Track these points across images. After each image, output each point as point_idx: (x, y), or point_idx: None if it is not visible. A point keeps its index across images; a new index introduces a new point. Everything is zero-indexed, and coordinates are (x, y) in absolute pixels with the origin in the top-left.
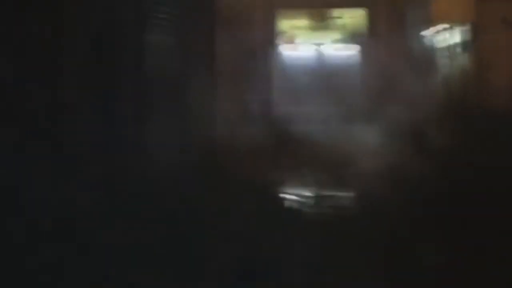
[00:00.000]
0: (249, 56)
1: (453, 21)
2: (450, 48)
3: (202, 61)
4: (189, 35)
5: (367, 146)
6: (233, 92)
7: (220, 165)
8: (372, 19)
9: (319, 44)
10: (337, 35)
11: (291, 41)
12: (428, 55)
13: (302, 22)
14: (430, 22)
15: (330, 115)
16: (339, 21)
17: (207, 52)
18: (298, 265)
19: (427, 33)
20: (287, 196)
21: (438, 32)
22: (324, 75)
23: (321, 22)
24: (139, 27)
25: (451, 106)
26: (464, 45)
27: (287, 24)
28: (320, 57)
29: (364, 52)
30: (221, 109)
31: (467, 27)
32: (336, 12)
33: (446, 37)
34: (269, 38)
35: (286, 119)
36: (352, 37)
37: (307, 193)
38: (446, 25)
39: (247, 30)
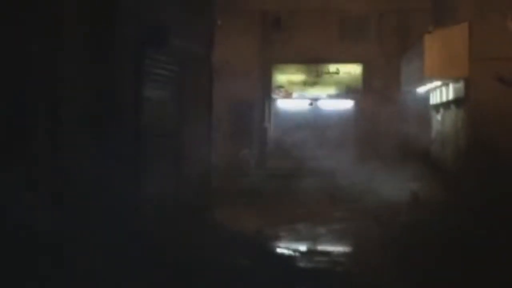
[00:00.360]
0: (246, 110)
1: (447, 78)
2: (444, 104)
3: (201, 114)
4: (188, 90)
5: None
6: (230, 144)
7: (214, 218)
8: (367, 75)
9: (315, 99)
10: (333, 90)
11: (288, 95)
12: (422, 110)
13: (299, 77)
14: (424, 78)
15: (323, 169)
16: (335, 76)
17: (205, 106)
18: None
19: (421, 89)
20: (281, 250)
21: (432, 88)
22: (319, 128)
23: (317, 77)
24: (138, 82)
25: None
26: (457, 101)
27: (284, 78)
28: (315, 111)
29: (359, 106)
30: (217, 162)
31: (460, 84)
32: (332, 67)
33: (439, 93)
34: (267, 93)
35: (281, 172)
36: (347, 91)
37: (302, 247)
38: (439, 82)
39: (245, 85)
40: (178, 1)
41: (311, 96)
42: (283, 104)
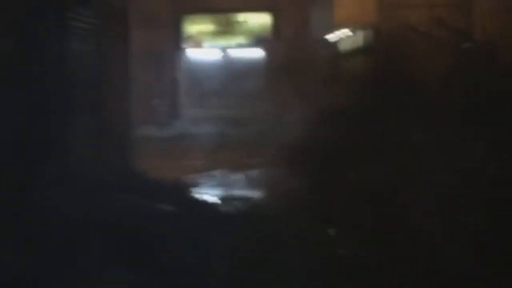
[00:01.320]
0: (157, 60)
1: (356, 25)
2: (353, 51)
3: (120, 65)
4: (107, 42)
5: (272, 146)
6: (144, 95)
7: (134, 167)
8: (277, 23)
9: (225, 48)
10: (242, 39)
11: (198, 45)
12: (332, 58)
13: (208, 26)
14: (334, 26)
15: (235, 117)
16: (244, 25)
17: (123, 57)
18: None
19: (331, 37)
20: (202, 196)
21: (341, 36)
22: (229, 78)
23: (226, 26)
24: (62, 36)
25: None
26: (366, 48)
27: (193, 28)
28: (225, 60)
29: (268, 55)
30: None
31: (369, 32)
32: (241, 16)
33: (349, 41)
34: (176, 42)
35: (194, 121)
36: (257, 40)
37: (219, 192)
38: (348, 30)
39: (155, 34)
40: None
41: (221, 46)
42: (193, 54)
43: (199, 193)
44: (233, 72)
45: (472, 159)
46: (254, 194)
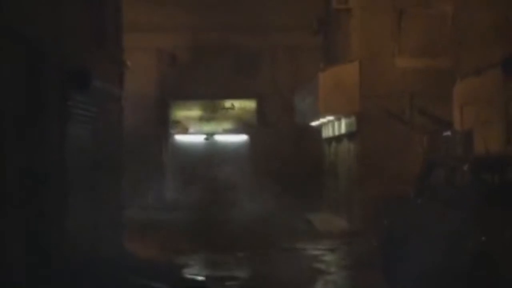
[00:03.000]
0: (144, 145)
1: (339, 113)
2: (336, 137)
3: (113, 150)
4: (104, 128)
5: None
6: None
7: (126, 247)
8: (262, 110)
9: (211, 134)
10: (228, 125)
11: (185, 130)
12: (315, 143)
13: (195, 112)
14: (318, 113)
15: (222, 200)
16: (230, 112)
17: (117, 142)
18: None
19: (314, 123)
20: (194, 276)
21: (324, 122)
22: (215, 162)
23: (213, 112)
24: (62, 122)
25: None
26: (349, 134)
27: (181, 114)
28: (211, 145)
29: (253, 140)
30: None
31: (352, 119)
32: (227, 103)
33: (331, 127)
34: (164, 128)
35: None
36: (242, 126)
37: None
38: (332, 117)
39: (143, 120)
40: (95, 45)
41: (207, 131)
42: (180, 139)
43: (189, 273)
44: (218, 156)
45: None
46: (244, 274)
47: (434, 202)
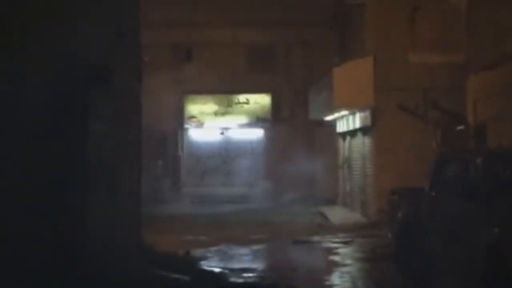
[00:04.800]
0: (160, 139)
1: (354, 108)
2: (350, 131)
3: (132, 145)
4: (123, 123)
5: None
6: (146, 173)
7: (143, 240)
8: (276, 104)
9: (226, 128)
10: (243, 119)
11: (200, 125)
12: (329, 138)
13: (210, 107)
14: (332, 108)
15: (236, 194)
16: (245, 106)
17: (135, 137)
18: None
19: (328, 118)
20: (212, 268)
21: (339, 116)
22: (230, 156)
23: (228, 107)
24: (84, 118)
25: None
26: (364, 128)
27: (196, 108)
28: (227, 140)
29: (268, 135)
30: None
31: (366, 113)
32: (242, 97)
33: (346, 121)
34: (180, 122)
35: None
36: (257, 121)
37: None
38: (346, 111)
39: (159, 115)
40: (114, 42)
41: (222, 125)
42: (195, 133)
43: (207, 265)
44: (233, 150)
45: None
46: (261, 266)
47: (448, 195)
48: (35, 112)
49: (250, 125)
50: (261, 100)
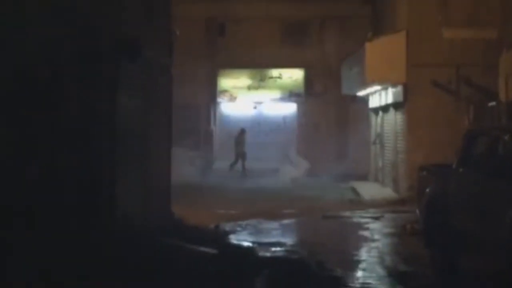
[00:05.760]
0: (193, 113)
1: (386, 83)
2: (382, 107)
3: (162, 120)
4: (154, 98)
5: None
6: (182, 146)
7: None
8: (309, 79)
9: (259, 102)
10: (276, 94)
11: (233, 99)
12: (362, 113)
13: (243, 81)
14: (364, 83)
15: (268, 168)
16: (278, 81)
17: (166, 112)
18: None
19: (361, 93)
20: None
21: (371, 92)
22: (263, 131)
23: (261, 81)
24: (114, 91)
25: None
26: (396, 104)
27: (229, 83)
28: (259, 114)
29: (301, 109)
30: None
31: (398, 88)
32: (275, 72)
33: (378, 97)
34: (212, 97)
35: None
36: (290, 95)
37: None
38: (378, 87)
39: (192, 89)
40: (145, 15)
41: (255, 100)
42: (228, 107)
43: (236, 239)
44: (266, 125)
45: None
46: (290, 241)
47: (476, 172)
48: (63, 85)
49: (283, 99)
50: (294, 75)
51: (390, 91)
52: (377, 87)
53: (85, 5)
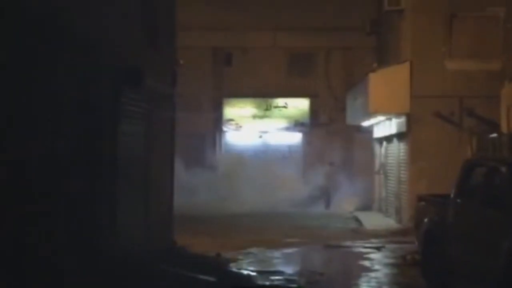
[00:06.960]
0: (199, 141)
1: (390, 113)
2: (386, 137)
3: (165, 147)
4: (156, 125)
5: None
6: (183, 175)
7: (174, 241)
8: (315, 109)
9: (264, 132)
10: (282, 123)
11: (238, 128)
12: (366, 143)
13: (249, 110)
14: (368, 113)
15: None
16: (284, 110)
17: (169, 140)
18: None
19: (365, 123)
20: (241, 270)
21: (376, 122)
22: (268, 160)
23: (267, 110)
24: (116, 119)
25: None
26: (399, 134)
27: (234, 112)
28: (265, 144)
29: (306, 139)
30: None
31: (402, 119)
32: (281, 101)
33: (382, 127)
34: (218, 125)
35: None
36: (295, 125)
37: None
38: (382, 117)
39: (197, 118)
40: (148, 43)
41: (260, 129)
42: (233, 136)
43: (238, 267)
44: (271, 154)
45: None
46: (289, 269)
47: (473, 202)
48: (67, 113)
49: (288, 129)
50: (299, 105)
51: (394, 121)
52: (381, 117)
53: (87, 34)
